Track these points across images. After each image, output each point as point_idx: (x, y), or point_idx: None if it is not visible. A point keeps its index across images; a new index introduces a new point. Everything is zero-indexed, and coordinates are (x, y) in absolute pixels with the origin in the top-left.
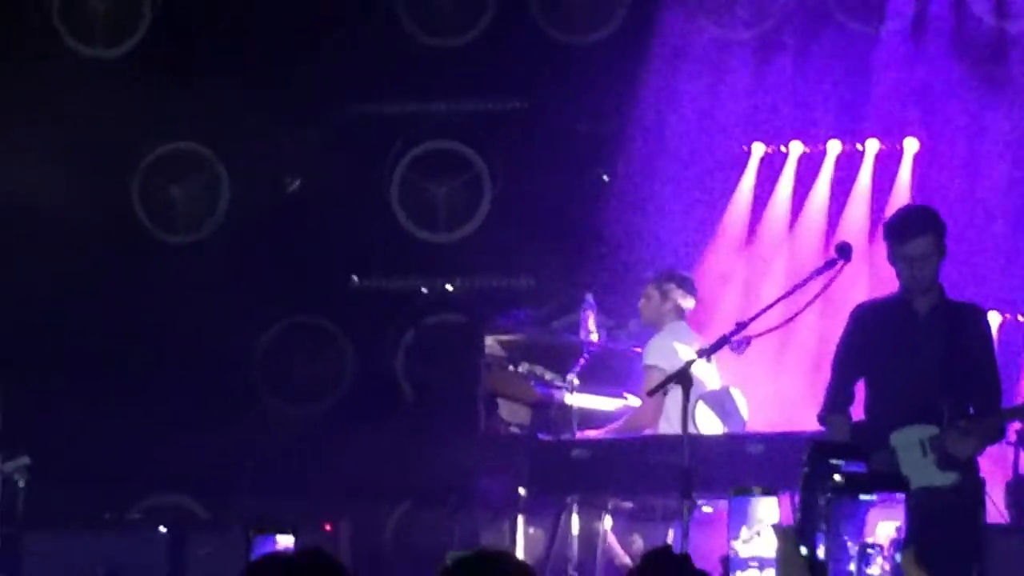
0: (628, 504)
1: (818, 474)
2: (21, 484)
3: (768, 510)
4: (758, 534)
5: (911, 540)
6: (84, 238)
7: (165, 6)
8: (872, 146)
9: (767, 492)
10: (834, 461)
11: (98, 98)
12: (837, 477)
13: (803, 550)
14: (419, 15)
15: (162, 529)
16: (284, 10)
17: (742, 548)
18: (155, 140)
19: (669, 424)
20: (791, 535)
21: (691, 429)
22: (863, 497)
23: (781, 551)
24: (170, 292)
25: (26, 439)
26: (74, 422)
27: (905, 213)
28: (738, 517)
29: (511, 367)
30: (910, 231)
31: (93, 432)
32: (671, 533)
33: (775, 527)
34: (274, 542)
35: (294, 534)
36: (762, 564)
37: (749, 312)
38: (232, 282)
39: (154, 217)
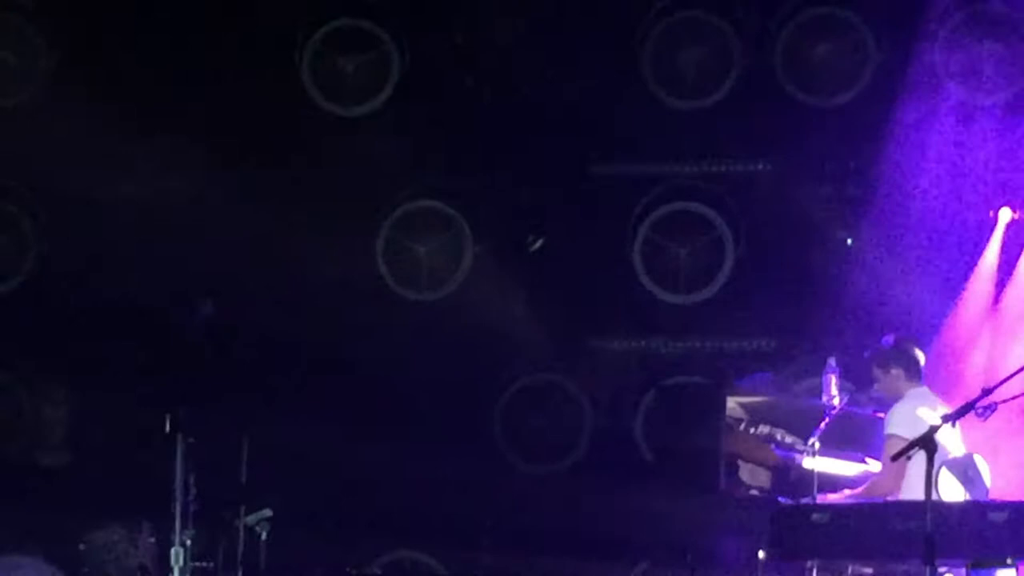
0: (868, 570)
1: None
2: (263, 536)
3: None
4: None
5: None
6: (329, 293)
7: (412, 64)
8: None
9: (1006, 564)
10: None
11: (345, 156)
12: None
13: None
14: (665, 77)
15: None
16: (529, 70)
17: None
18: (401, 198)
19: (911, 490)
20: None
21: (934, 495)
22: None
23: None
24: (413, 348)
25: (270, 492)
26: (317, 476)
27: None
28: None
29: (752, 429)
30: None
31: (336, 486)
32: None
33: None
34: None
35: None
36: None
37: (995, 378)
38: (474, 339)
39: (398, 274)
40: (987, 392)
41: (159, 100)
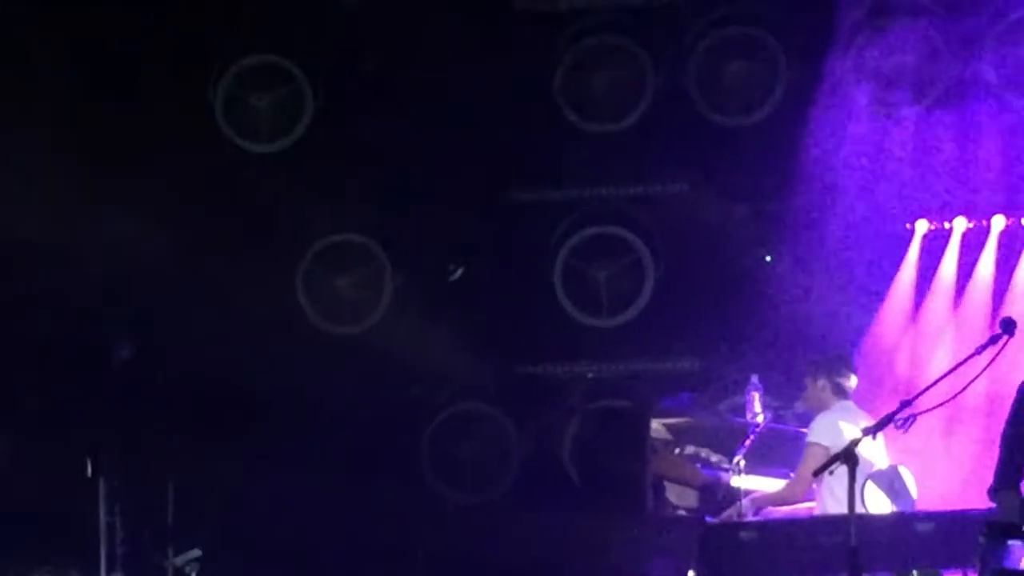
0: None
1: (994, 555)
2: None
3: None
4: None
5: None
6: (251, 330)
7: (326, 99)
8: None
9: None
10: (1012, 542)
11: (262, 192)
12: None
13: None
14: (578, 101)
15: None
16: (444, 99)
17: None
18: (320, 232)
19: (837, 503)
20: None
21: (860, 508)
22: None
23: None
24: (336, 382)
25: (198, 531)
26: (245, 514)
27: None
28: None
29: (677, 450)
30: None
31: (264, 523)
32: None
33: None
34: None
35: None
36: None
37: (916, 388)
38: (398, 371)
39: (320, 308)
40: (906, 404)
41: (76, 138)
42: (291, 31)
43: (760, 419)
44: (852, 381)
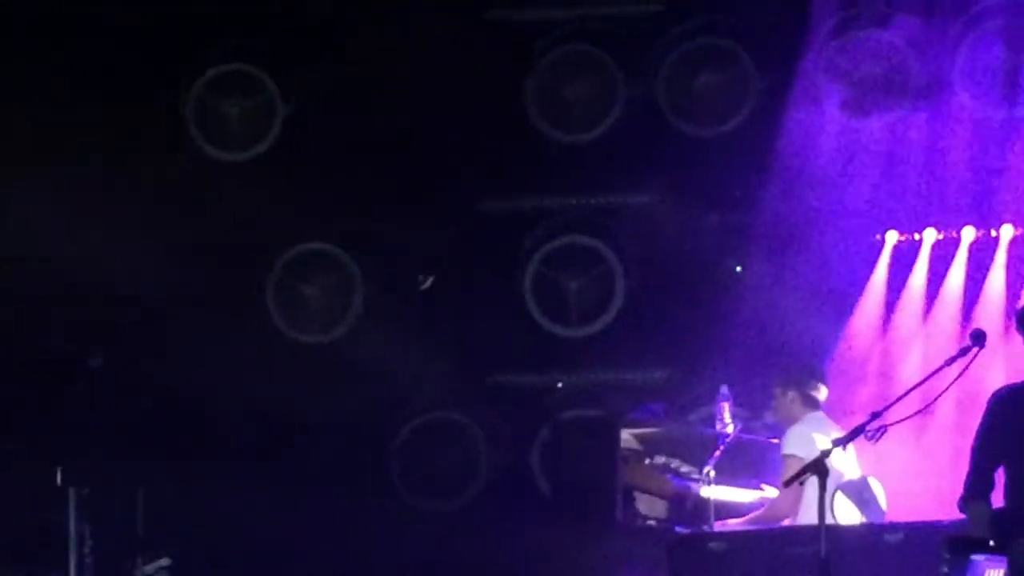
0: None
1: (957, 570)
2: None
3: None
4: None
5: None
6: (219, 337)
7: (297, 108)
8: (1006, 232)
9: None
10: (974, 556)
11: (232, 200)
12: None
13: None
14: (548, 111)
15: None
16: (414, 108)
17: None
18: (289, 240)
19: (808, 514)
20: None
21: (829, 519)
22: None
23: None
24: (305, 390)
25: (167, 540)
26: (213, 523)
27: None
28: None
29: (647, 460)
30: None
31: (233, 532)
32: None
33: None
34: None
35: None
36: None
37: (885, 400)
38: (367, 380)
39: (289, 317)
40: (876, 415)
41: (46, 149)
42: (263, 39)
43: (730, 429)
44: (822, 392)
